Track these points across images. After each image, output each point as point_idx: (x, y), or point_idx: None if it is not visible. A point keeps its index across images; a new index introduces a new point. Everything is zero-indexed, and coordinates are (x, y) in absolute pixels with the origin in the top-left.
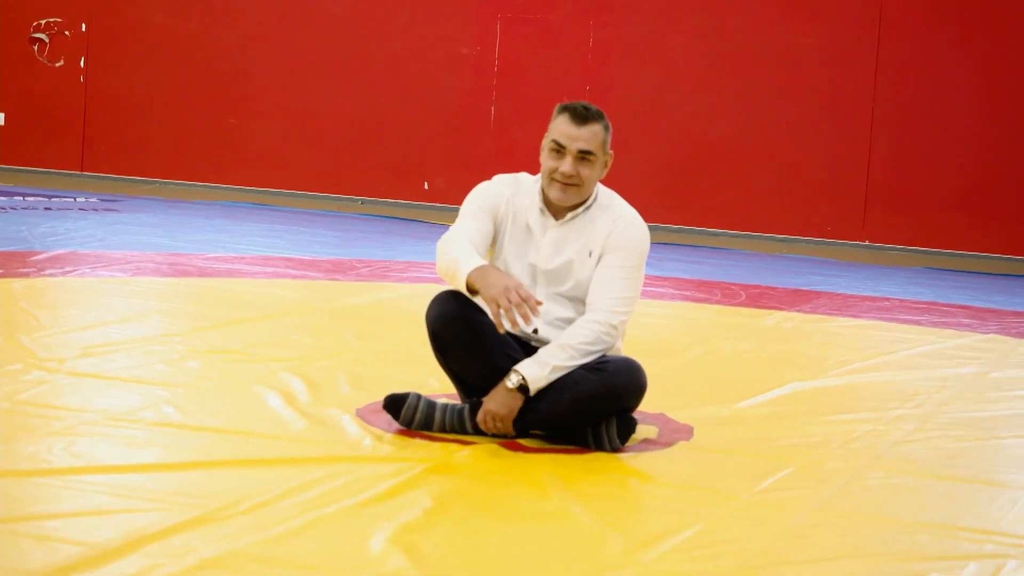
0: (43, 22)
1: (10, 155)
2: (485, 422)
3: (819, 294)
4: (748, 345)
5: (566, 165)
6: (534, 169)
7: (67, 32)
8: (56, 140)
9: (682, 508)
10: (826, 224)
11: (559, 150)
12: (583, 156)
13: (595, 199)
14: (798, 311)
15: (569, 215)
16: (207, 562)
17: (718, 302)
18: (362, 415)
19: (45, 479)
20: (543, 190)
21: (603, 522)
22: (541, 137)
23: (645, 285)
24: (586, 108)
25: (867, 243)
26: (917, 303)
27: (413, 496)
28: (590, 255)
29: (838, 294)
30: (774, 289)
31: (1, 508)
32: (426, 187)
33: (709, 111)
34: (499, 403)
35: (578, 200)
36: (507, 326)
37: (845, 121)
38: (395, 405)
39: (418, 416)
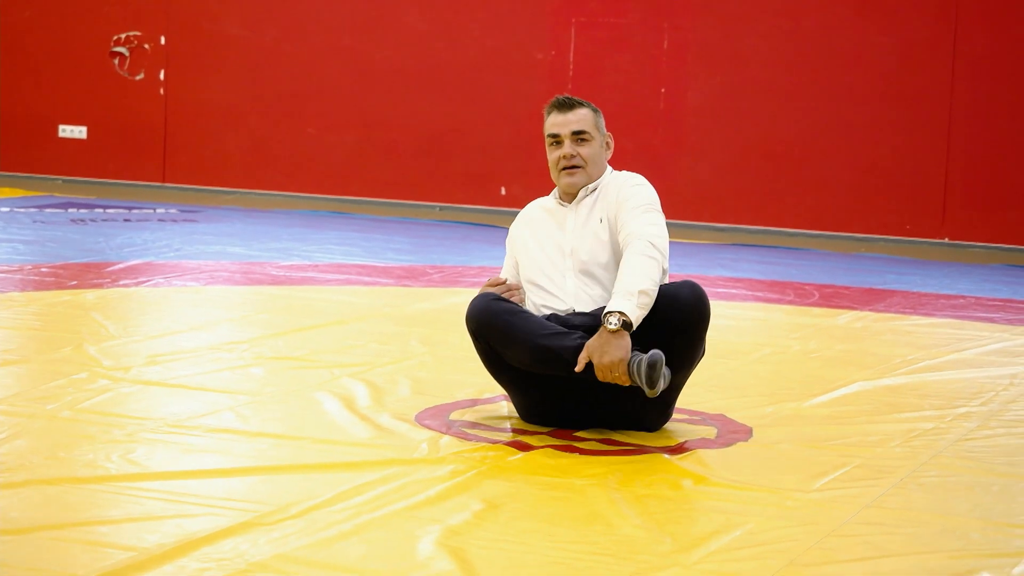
0: (123, 36)
1: (93, 168)
2: (604, 375)
3: (893, 293)
4: (816, 344)
5: (566, 148)
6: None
7: (146, 46)
8: (137, 152)
9: (733, 508)
10: (904, 223)
11: (556, 140)
12: (578, 136)
13: (606, 179)
14: (871, 310)
15: (581, 195)
16: (254, 566)
17: (790, 302)
18: (421, 420)
19: (100, 486)
20: (557, 187)
21: (653, 523)
22: (616, 141)
23: (718, 287)
24: (568, 97)
25: (946, 240)
26: (993, 300)
27: (464, 499)
28: (601, 221)
29: (913, 292)
30: (848, 288)
31: (54, 515)
32: (503, 192)
33: (785, 111)
34: (610, 352)
35: (588, 181)
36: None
37: (922, 118)
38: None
39: None
